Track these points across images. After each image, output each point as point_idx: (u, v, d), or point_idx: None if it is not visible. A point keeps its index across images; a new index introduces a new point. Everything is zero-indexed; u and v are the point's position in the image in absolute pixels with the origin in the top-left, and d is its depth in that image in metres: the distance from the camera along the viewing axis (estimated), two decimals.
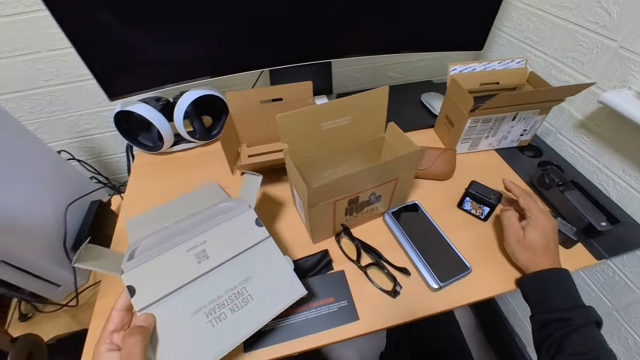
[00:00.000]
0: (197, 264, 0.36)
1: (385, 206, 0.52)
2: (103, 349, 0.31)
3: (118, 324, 0.33)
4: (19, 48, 0.61)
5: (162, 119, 0.60)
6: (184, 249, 0.37)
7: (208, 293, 0.35)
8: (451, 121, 0.61)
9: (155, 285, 0.35)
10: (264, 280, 0.38)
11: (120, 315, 0.34)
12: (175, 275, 0.35)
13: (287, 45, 0.63)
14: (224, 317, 0.35)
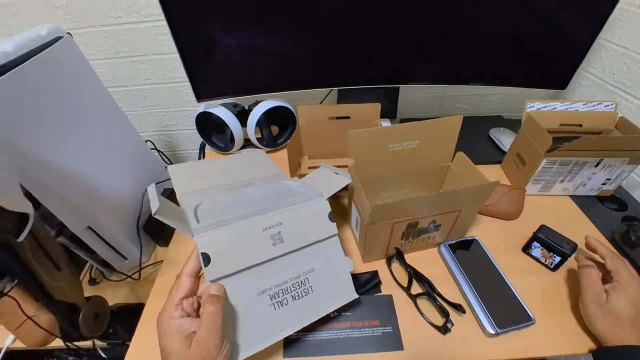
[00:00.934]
0: (271, 246, 0.36)
1: (442, 237, 0.50)
2: (174, 315, 0.30)
3: (188, 291, 0.32)
4: (132, 50, 0.72)
5: (237, 123, 0.65)
6: (261, 227, 0.36)
7: (275, 276, 0.36)
8: (523, 159, 0.58)
9: (230, 258, 0.34)
10: (325, 275, 0.39)
11: (190, 282, 0.32)
12: (249, 252, 0.35)
13: (359, 67, 0.65)
14: (285, 303, 0.36)
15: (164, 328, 0.30)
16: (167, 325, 0.30)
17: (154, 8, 0.66)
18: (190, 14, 0.53)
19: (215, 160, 0.54)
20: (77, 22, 0.68)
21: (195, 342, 0.28)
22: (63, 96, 0.47)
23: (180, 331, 0.29)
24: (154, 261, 0.61)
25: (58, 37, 0.47)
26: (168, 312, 0.30)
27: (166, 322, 0.30)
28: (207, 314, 0.29)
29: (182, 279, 0.32)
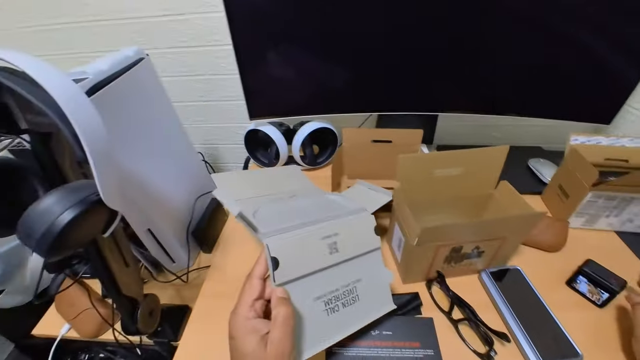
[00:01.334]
0: (328, 254, 0.38)
1: (484, 264, 0.50)
2: (249, 315, 0.31)
3: (259, 293, 0.33)
4: (191, 70, 0.79)
5: (283, 141, 0.69)
6: (320, 236, 0.38)
7: (330, 283, 0.38)
8: (565, 192, 0.58)
9: (294, 263, 0.35)
10: (369, 285, 0.41)
11: (260, 284, 0.33)
12: (310, 258, 0.37)
13: (400, 95, 0.68)
14: (337, 310, 0.38)
15: (239, 327, 0.30)
16: (242, 325, 0.30)
17: (215, 35, 0.73)
18: (255, 44, 0.58)
19: (255, 171, 0.58)
20: (145, 44, 0.76)
21: (271, 344, 0.29)
22: (140, 109, 0.53)
23: (255, 331, 0.30)
24: (197, 266, 0.65)
25: (140, 58, 0.54)
26: (243, 312, 0.31)
27: (242, 321, 0.31)
28: (281, 316, 0.30)
29: (254, 281, 0.33)
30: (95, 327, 0.55)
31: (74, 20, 0.74)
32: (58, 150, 0.34)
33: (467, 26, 0.58)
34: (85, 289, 0.60)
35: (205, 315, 0.50)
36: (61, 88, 0.27)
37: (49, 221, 0.28)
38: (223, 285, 0.53)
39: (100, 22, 0.74)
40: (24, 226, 0.28)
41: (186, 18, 0.71)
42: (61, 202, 0.29)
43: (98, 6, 0.72)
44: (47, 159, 0.33)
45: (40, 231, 0.28)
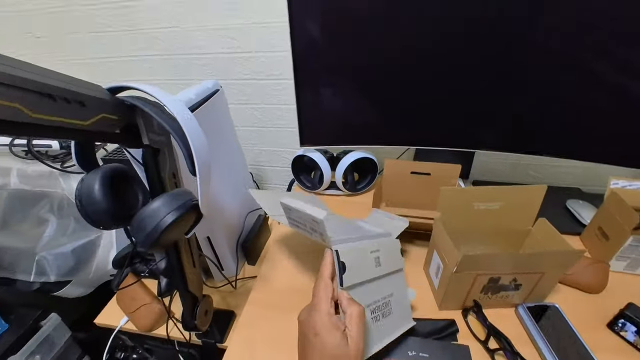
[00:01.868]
0: (374, 267, 0.42)
1: (520, 298, 0.52)
2: (331, 312, 0.33)
3: (333, 293, 0.35)
4: (249, 99, 0.89)
5: (328, 167, 0.76)
6: (370, 249, 0.42)
7: (375, 293, 0.42)
8: (605, 234, 0.59)
9: (355, 271, 0.38)
10: (399, 300, 0.46)
11: (332, 285, 0.35)
12: (365, 268, 0.41)
13: (439, 131, 0.73)
14: (379, 319, 0.41)
15: (323, 323, 0.32)
16: (327, 320, 0.32)
17: (274, 70, 0.83)
18: (313, 80, 0.67)
19: (283, 192, 0.65)
20: (213, 76, 0.87)
21: (351, 339, 0.31)
22: (215, 132, 0.62)
23: (338, 327, 0.32)
24: (242, 276, 0.70)
25: (217, 89, 0.63)
26: (326, 309, 0.33)
27: (327, 317, 0.32)
28: (356, 314, 0.32)
29: (328, 281, 0.35)
30: (151, 321, 0.61)
31: (155, 53, 0.88)
32: (162, 163, 0.41)
33: (509, 67, 0.62)
34: (145, 286, 0.67)
35: (252, 323, 0.54)
36: (182, 114, 0.35)
37: (157, 220, 0.35)
38: (269, 295, 0.58)
39: (179, 55, 0.86)
40: (137, 222, 0.35)
41: (251, 56, 0.82)
42: (167, 205, 0.36)
43: (176, 43, 0.85)
44: (154, 170, 0.41)
45: (149, 227, 0.35)
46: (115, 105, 0.34)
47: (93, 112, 0.31)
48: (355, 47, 0.64)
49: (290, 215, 0.42)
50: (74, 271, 0.75)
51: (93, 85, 0.32)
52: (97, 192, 0.37)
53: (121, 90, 0.35)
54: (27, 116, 0.24)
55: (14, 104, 0.23)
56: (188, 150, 0.34)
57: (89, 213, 0.37)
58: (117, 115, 0.34)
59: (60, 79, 0.27)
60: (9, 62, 0.24)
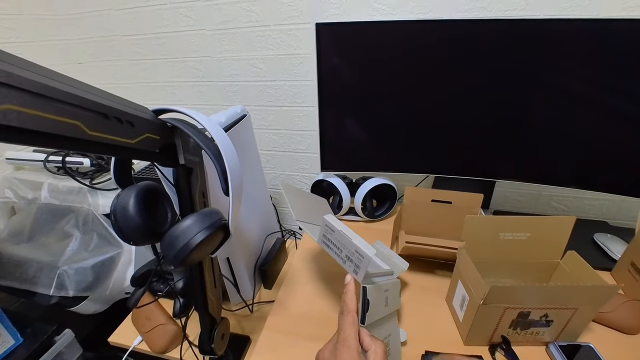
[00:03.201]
0: (384, 306, 0.42)
1: (552, 336, 0.49)
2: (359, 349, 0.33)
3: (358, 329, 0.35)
4: (271, 125, 0.92)
5: (348, 193, 0.76)
6: (384, 288, 0.43)
7: (380, 333, 0.41)
8: (639, 270, 0.56)
9: (373, 309, 0.38)
10: (394, 342, 0.45)
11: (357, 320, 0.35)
12: (379, 307, 0.41)
13: (459, 160, 0.74)
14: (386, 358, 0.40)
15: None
16: (357, 357, 0.32)
17: (296, 98, 0.86)
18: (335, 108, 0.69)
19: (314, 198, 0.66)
20: (238, 101, 0.91)
21: None
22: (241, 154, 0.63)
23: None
24: (257, 300, 0.69)
25: (244, 114, 0.66)
26: (356, 346, 0.32)
27: (356, 354, 0.32)
28: (382, 351, 0.32)
29: (355, 316, 0.35)
30: (165, 343, 0.60)
31: (186, 80, 0.93)
32: (194, 182, 0.43)
33: (528, 99, 0.63)
34: (162, 306, 0.67)
35: (269, 349, 0.53)
36: (219, 136, 0.36)
37: (188, 238, 0.36)
38: (287, 321, 0.57)
39: (207, 82, 0.91)
40: (169, 239, 0.36)
41: (276, 84, 0.86)
42: (197, 224, 0.37)
43: (206, 71, 0.90)
44: (186, 188, 0.42)
45: (180, 244, 0.36)
46: (158, 126, 0.36)
47: (140, 131, 0.33)
48: (377, 79, 0.66)
49: (327, 235, 0.42)
50: (92, 287, 0.75)
51: (141, 106, 0.34)
52: (132, 208, 0.38)
53: (164, 112, 0.38)
54: (85, 133, 0.26)
55: (76, 122, 0.25)
56: (223, 170, 0.35)
57: (121, 228, 0.38)
58: (159, 135, 0.36)
59: (114, 100, 0.30)
60: (72, 82, 0.26)
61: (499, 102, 0.65)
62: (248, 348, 0.60)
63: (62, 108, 0.24)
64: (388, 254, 0.62)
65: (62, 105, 0.24)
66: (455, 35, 0.60)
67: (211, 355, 0.51)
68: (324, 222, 0.41)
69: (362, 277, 0.36)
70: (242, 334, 0.62)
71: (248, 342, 0.61)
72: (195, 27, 0.85)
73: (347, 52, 0.65)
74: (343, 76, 0.67)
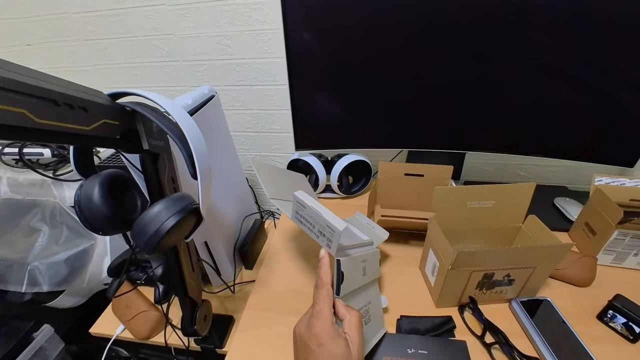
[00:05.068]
0: (362, 276, 0.44)
1: (514, 293, 0.53)
2: (334, 320, 0.33)
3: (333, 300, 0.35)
4: (243, 105, 0.90)
5: (323, 171, 0.77)
6: (361, 259, 0.43)
7: (358, 302, 0.43)
8: (592, 229, 0.61)
9: (348, 280, 0.39)
10: (374, 309, 0.46)
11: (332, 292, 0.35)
12: (356, 278, 0.42)
13: (431, 134, 0.75)
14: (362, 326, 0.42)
15: (328, 332, 0.32)
16: (331, 328, 0.32)
17: (267, 77, 0.84)
18: (306, 85, 0.68)
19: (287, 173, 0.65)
20: (207, 82, 0.88)
21: (353, 345, 0.32)
22: (211, 137, 0.62)
23: (340, 335, 0.32)
24: (239, 281, 0.70)
25: (212, 95, 0.64)
26: (330, 317, 0.33)
27: (330, 325, 0.32)
28: (356, 320, 0.33)
29: (330, 289, 0.35)
30: (148, 329, 0.61)
31: (150, 60, 0.88)
32: (162, 168, 0.42)
33: (495, 70, 0.65)
34: (142, 293, 0.66)
35: (251, 326, 0.54)
36: (183, 119, 0.35)
37: (158, 224, 0.35)
38: (268, 299, 0.58)
39: (172, 62, 0.87)
40: (139, 227, 0.35)
41: (245, 62, 0.83)
42: (168, 209, 0.36)
43: (170, 50, 0.85)
44: (153, 174, 0.41)
45: (150, 232, 0.35)
46: (116, 111, 0.34)
47: (95, 117, 0.31)
48: (348, 53, 0.65)
49: (299, 211, 0.41)
50: (67, 281, 0.73)
51: (95, 91, 0.32)
52: (97, 197, 0.37)
53: (122, 96, 0.36)
54: (33, 121, 0.25)
55: (21, 110, 0.24)
56: (189, 153, 0.35)
57: (88, 218, 0.37)
58: (118, 121, 0.34)
59: (64, 85, 0.28)
60: (15, 69, 0.24)
61: (467, 75, 0.66)
62: (232, 327, 0.62)
63: (2, 96, 0.23)
64: (368, 225, 0.63)
65: (2, 92, 0.23)
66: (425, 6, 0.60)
67: (195, 337, 0.52)
68: (295, 198, 0.41)
69: (335, 250, 0.36)
70: (225, 314, 0.63)
71: (232, 322, 0.62)
72: (154, 1, 0.79)
73: (315, 23, 0.63)
74: (312, 50, 0.65)
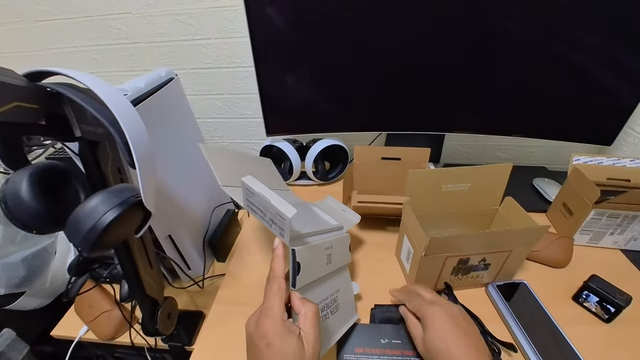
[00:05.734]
0: (326, 264, 0.41)
1: (490, 277, 0.52)
2: (285, 317, 0.31)
3: (286, 294, 0.33)
4: (211, 89, 0.84)
5: (297, 157, 0.73)
6: (324, 246, 0.41)
7: (324, 291, 0.41)
8: (570, 209, 0.60)
9: (309, 270, 0.37)
10: (344, 296, 0.45)
11: (285, 285, 0.33)
12: (316, 266, 0.39)
13: (409, 116, 0.72)
14: (327, 317, 0.40)
15: (278, 330, 0.30)
16: (280, 326, 0.30)
17: (235, 58, 0.79)
18: (274, 66, 0.64)
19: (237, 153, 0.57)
20: (172, 65, 0.82)
21: (307, 342, 0.30)
22: (170, 124, 0.57)
23: (292, 332, 0.30)
24: (211, 274, 0.67)
25: (171, 78, 0.59)
26: (280, 314, 0.30)
27: (280, 323, 0.30)
28: (312, 313, 0.31)
29: (282, 282, 0.33)
30: (112, 329, 0.57)
31: (108, 42, 0.81)
32: (103, 157, 0.37)
33: (473, 50, 0.62)
34: (105, 292, 0.63)
35: (220, 322, 0.52)
36: (117, 103, 0.31)
37: (95, 219, 0.31)
38: (238, 293, 0.55)
39: (133, 44, 0.80)
40: (72, 223, 0.32)
41: (211, 42, 0.77)
42: (106, 202, 0.32)
43: (129, 31, 0.79)
44: (93, 165, 0.37)
45: (86, 228, 0.31)
46: (33, 93, 0.29)
47: (2, 100, 0.27)
48: (317, 29, 0.61)
49: (249, 198, 0.38)
50: (26, 282, 0.69)
51: (4, 70, 0.28)
52: (25, 192, 0.33)
53: (44, 75, 0.31)
54: None
55: None
56: (123, 140, 0.31)
57: (16, 215, 0.33)
58: (37, 104, 0.30)
59: None
60: None
61: (443, 53, 0.63)
62: (201, 323, 0.59)
63: None
64: (339, 208, 0.60)
65: None
66: None
67: (158, 336, 0.49)
68: (243, 184, 0.37)
69: (288, 239, 0.34)
70: (195, 310, 0.60)
71: (202, 317, 0.59)
72: None
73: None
74: (277, 27, 0.60)
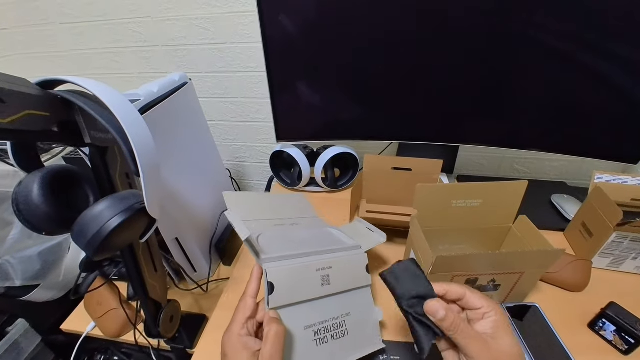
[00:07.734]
0: (320, 286, 0.40)
1: (500, 298, 0.50)
2: (242, 332, 0.33)
3: (252, 312, 0.34)
4: (226, 93, 0.85)
5: (307, 163, 0.73)
6: (315, 268, 0.41)
7: (320, 314, 0.40)
8: (589, 230, 0.57)
9: (288, 290, 0.37)
10: (359, 321, 0.43)
11: (253, 304, 0.35)
12: (303, 288, 0.39)
13: (422, 126, 0.71)
14: (326, 341, 0.39)
15: (232, 344, 0.32)
16: (236, 342, 0.32)
17: (250, 63, 0.79)
18: (287, 72, 0.64)
19: (264, 194, 0.61)
20: (188, 68, 0.83)
21: (262, 358, 0.30)
22: (182, 128, 0.58)
23: (247, 348, 0.31)
24: (217, 277, 0.67)
25: (185, 82, 0.59)
26: (236, 330, 0.32)
27: (235, 339, 0.32)
28: (273, 332, 0.31)
29: (248, 300, 0.35)
30: (118, 327, 0.59)
31: (128, 45, 0.84)
32: (111, 162, 0.38)
33: (493, 61, 0.60)
34: (114, 290, 0.64)
35: (221, 327, 0.51)
36: (124, 112, 0.31)
37: (100, 224, 0.32)
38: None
39: (151, 47, 0.82)
40: (78, 227, 0.32)
41: (226, 47, 0.78)
42: (111, 208, 0.33)
43: (148, 35, 0.81)
44: (102, 170, 0.37)
45: (91, 232, 0.32)
46: (45, 101, 0.30)
47: (16, 108, 0.27)
48: (331, 36, 0.60)
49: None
50: (41, 275, 0.71)
51: (17, 79, 0.28)
52: (36, 196, 0.34)
53: (56, 84, 0.32)
54: None
55: None
56: (129, 148, 0.31)
57: (27, 218, 0.34)
58: (48, 112, 0.30)
59: None
60: None
61: (463, 65, 0.61)
62: (204, 327, 0.59)
63: None
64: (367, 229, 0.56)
65: None
66: None
67: (160, 338, 0.50)
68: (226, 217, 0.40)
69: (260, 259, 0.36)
70: (198, 313, 0.61)
71: (204, 321, 0.60)
72: None
73: (293, 3, 0.58)
74: (291, 33, 0.60)
